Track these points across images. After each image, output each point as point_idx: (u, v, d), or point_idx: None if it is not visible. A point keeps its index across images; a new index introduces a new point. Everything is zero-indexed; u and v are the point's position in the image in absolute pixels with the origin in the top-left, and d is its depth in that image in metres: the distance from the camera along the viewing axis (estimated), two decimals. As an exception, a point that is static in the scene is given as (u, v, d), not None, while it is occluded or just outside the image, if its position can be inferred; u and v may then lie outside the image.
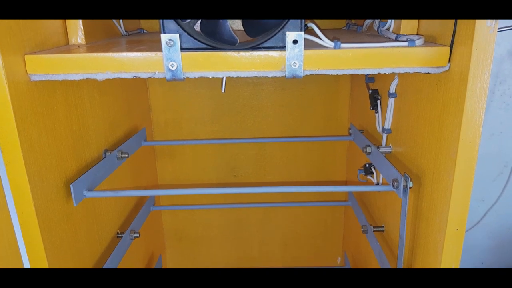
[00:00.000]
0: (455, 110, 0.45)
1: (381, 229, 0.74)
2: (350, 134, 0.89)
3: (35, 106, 0.48)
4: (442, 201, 0.49)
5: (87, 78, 0.47)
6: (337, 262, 1.15)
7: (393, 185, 0.57)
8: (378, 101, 0.71)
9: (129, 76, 0.47)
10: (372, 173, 0.76)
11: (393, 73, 0.54)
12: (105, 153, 0.69)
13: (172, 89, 0.97)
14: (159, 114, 0.99)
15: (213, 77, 0.47)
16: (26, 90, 0.46)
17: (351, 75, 0.95)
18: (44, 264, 0.50)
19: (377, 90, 0.73)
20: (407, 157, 0.61)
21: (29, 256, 0.51)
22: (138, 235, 0.78)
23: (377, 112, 0.72)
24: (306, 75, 0.47)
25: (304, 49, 0.45)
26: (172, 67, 0.46)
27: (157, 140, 1.02)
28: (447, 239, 0.48)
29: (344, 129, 1.01)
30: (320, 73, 0.47)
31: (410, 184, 0.54)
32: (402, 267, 0.59)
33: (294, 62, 0.45)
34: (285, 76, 0.47)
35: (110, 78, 0.47)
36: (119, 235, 0.75)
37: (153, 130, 1.00)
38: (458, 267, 0.50)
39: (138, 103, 0.90)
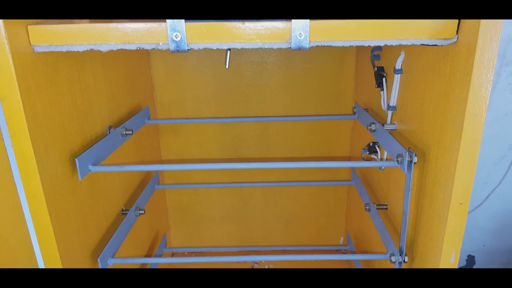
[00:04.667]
0: (462, 82, 0.45)
1: (384, 207, 0.74)
2: (355, 113, 0.88)
3: (38, 77, 0.48)
4: (446, 175, 0.49)
5: (91, 50, 0.47)
6: (339, 241, 1.16)
7: (397, 161, 0.57)
8: (384, 79, 0.71)
9: (133, 47, 0.46)
10: (376, 151, 0.76)
11: (399, 45, 0.53)
12: (109, 130, 0.69)
13: (176, 68, 0.97)
14: (163, 93, 0.99)
15: (217, 48, 0.46)
16: (29, 61, 0.46)
17: (357, 53, 0.95)
18: (51, 236, 0.51)
19: (382, 67, 0.72)
20: (412, 133, 0.61)
21: (36, 228, 0.52)
22: (143, 212, 0.79)
23: (383, 89, 0.71)
24: (312, 47, 0.46)
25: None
26: (176, 37, 0.45)
27: (160, 119, 1.02)
28: (451, 213, 0.48)
29: (349, 109, 1.00)
30: (326, 44, 0.46)
31: (415, 159, 0.54)
32: (405, 243, 0.60)
33: (300, 33, 0.45)
34: (290, 47, 0.46)
35: (114, 49, 0.47)
36: (124, 212, 0.76)
37: (157, 109, 1.00)
38: (461, 242, 0.51)
39: (140, 82, 0.90)
